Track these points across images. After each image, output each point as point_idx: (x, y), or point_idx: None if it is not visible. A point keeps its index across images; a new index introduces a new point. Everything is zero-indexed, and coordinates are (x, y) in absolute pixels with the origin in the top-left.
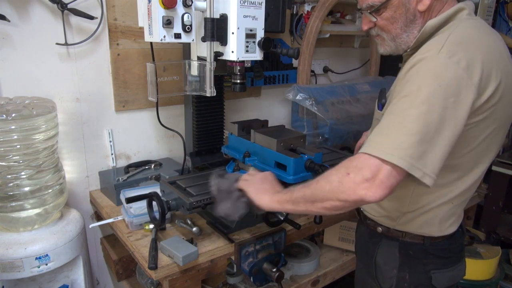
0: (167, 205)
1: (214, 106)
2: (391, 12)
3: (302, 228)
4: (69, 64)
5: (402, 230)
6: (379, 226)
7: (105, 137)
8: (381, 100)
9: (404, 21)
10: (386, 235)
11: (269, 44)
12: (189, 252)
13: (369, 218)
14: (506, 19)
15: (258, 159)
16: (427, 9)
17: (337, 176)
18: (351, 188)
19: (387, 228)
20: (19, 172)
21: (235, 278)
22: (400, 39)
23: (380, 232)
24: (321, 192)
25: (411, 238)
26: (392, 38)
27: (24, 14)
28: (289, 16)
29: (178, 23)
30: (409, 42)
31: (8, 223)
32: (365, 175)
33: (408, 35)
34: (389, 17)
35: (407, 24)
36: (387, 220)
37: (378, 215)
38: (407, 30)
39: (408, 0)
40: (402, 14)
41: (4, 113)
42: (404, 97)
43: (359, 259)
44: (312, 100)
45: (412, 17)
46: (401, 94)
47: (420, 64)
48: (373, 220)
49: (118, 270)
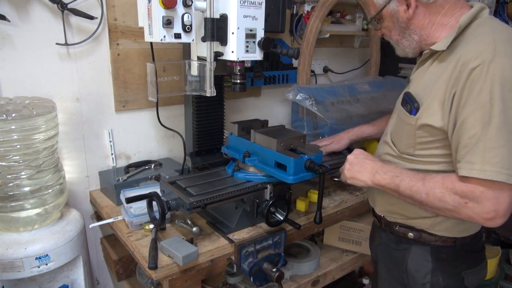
0: (167, 205)
1: (214, 106)
2: (386, 22)
3: (302, 228)
4: (69, 64)
5: (434, 234)
6: (411, 231)
7: (105, 137)
8: (413, 104)
9: (399, 29)
10: (418, 240)
11: (269, 44)
12: (189, 252)
13: (397, 224)
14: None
15: (258, 159)
16: (416, 15)
17: (453, 201)
18: (470, 217)
19: (419, 232)
20: (19, 172)
21: (235, 278)
22: (402, 44)
23: (411, 238)
24: (432, 205)
25: (443, 242)
26: (395, 43)
27: (24, 14)
28: (289, 16)
29: (178, 23)
30: (413, 46)
31: (8, 223)
32: (486, 210)
33: (409, 40)
34: (386, 26)
35: (402, 31)
36: (423, 222)
37: (414, 216)
38: (405, 36)
39: (396, 11)
40: (394, 23)
41: (4, 113)
42: (482, 109)
43: (384, 268)
44: (312, 100)
45: (404, 25)
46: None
47: (481, 69)
48: (404, 225)
49: (118, 270)
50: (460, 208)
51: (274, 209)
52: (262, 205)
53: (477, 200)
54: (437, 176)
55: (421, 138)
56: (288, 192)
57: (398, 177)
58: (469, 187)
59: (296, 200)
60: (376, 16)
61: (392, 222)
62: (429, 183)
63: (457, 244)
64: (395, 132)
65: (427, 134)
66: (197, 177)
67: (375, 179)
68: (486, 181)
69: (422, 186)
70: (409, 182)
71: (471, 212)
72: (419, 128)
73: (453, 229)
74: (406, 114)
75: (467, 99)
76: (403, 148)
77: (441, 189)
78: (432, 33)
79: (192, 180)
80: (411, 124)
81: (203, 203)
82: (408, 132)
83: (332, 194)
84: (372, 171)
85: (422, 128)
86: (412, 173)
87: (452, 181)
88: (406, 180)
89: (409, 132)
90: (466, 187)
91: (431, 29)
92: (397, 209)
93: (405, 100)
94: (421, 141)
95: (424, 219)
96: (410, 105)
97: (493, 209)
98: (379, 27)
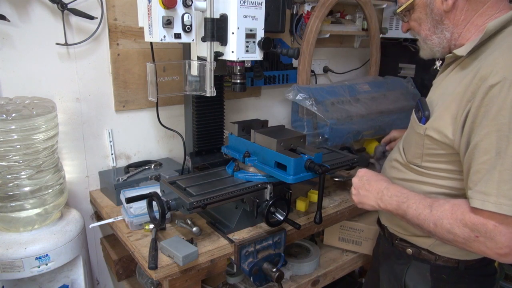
0: (167, 205)
1: (214, 106)
2: (418, 12)
3: (302, 228)
4: (69, 64)
5: (435, 253)
6: (410, 247)
7: (105, 137)
8: (424, 112)
9: (431, 22)
10: (417, 257)
11: (269, 44)
12: (189, 252)
13: (398, 237)
14: None
15: (258, 159)
16: (454, 9)
17: (462, 234)
18: (483, 252)
19: (419, 250)
20: (19, 172)
21: (235, 278)
22: (431, 41)
23: (410, 254)
24: (441, 236)
25: (444, 262)
26: (423, 40)
27: (24, 14)
28: (289, 16)
29: (178, 23)
30: (443, 45)
31: (8, 223)
32: (500, 246)
33: (440, 37)
34: (417, 18)
35: (435, 25)
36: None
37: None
38: (437, 32)
39: (432, 0)
40: (428, 14)
41: (4, 113)
42: (499, 132)
43: (385, 280)
44: (312, 100)
45: (438, 18)
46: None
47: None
48: (404, 240)
49: (118, 270)
50: (471, 242)
51: (274, 209)
52: (262, 205)
53: (489, 235)
54: (445, 204)
55: (429, 150)
56: (288, 192)
57: (405, 203)
58: (481, 220)
59: (296, 200)
60: (408, 4)
61: (393, 234)
62: (437, 212)
63: (460, 266)
64: (407, 139)
65: (435, 146)
66: (197, 177)
67: (382, 204)
68: (500, 215)
69: (430, 214)
70: (415, 209)
71: (484, 247)
72: (427, 139)
73: (456, 252)
74: (416, 121)
75: (483, 119)
76: (411, 157)
77: (450, 220)
78: (464, 33)
79: (192, 180)
80: (419, 133)
81: (203, 203)
82: (417, 141)
83: (332, 194)
84: (377, 194)
85: (430, 139)
86: (419, 198)
87: (463, 212)
88: (413, 207)
89: (417, 142)
90: (477, 219)
91: (464, 28)
92: (398, 221)
93: (418, 106)
94: (429, 152)
95: (424, 238)
96: (421, 113)
97: (507, 245)
98: (407, 20)
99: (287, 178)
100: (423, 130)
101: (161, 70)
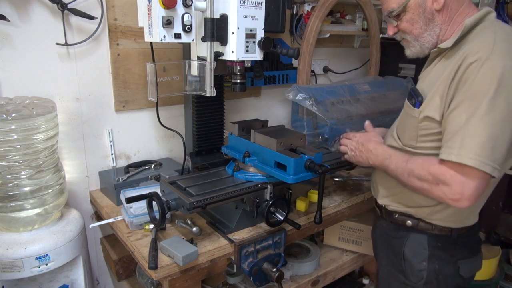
0: (167, 205)
1: (214, 106)
2: (410, 14)
3: (302, 228)
4: (69, 64)
5: (431, 223)
6: (410, 219)
7: (105, 137)
8: (418, 97)
9: (424, 21)
10: (415, 228)
11: (269, 44)
12: (189, 252)
13: (397, 212)
14: (506, 19)
15: (258, 159)
16: (443, 8)
17: (427, 182)
18: (440, 197)
19: (417, 221)
20: (19, 172)
21: (235, 278)
22: (422, 38)
23: (409, 226)
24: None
25: (439, 231)
26: (415, 38)
27: (24, 14)
28: (289, 16)
29: (178, 23)
30: (432, 41)
31: (8, 223)
32: (454, 192)
33: (430, 34)
34: (409, 19)
35: (426, 23)
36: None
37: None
38: (428, 29)
39: (424, 1)
40: (420, 14)
41: (4, 113)
42: (471, 101)
43: (383, 256)
44: (312, 100)
45: (430, 16)
46: (466, 96)
47: (476, 64)
48: (403, 213)
49: (118, 270)
50: (433, 188)
51: (274, 209)
52: (262, 205)
53: (446, 182)
54: (418, 159)
55: (423, 131)
56: (288, 192)
57: (387, 159)
58: (443, 169)
59: (296, 200)
60: (401, 8)
61: (392, 211)
62: (411, 164)
63: (453, 234)
64: (400, 125)
65: (429, 127)
66: (197, 177)
67: (371, 161)
68: (458, 165)
69: (405, 167)
70: (395, 164)
71: (441, 192)
72: (422, 120)
73: (449, 219)
74: (410, 107)
75: (459, 90)
76: (406, 140)
77: (420, 170)
78: (449, 30)
79: (192, 180)
80: (414, 117)
81: (203, 203)
82: (412, 124)
83: (332, 194)
84: (368, 153)
85: (424, 120)
86: (399, 155)
87: (430, 164)
88: (393, 161)
89: (412, 125)
90: (440, 169)
91: (449, 25)
92: (398, 198)
93: (411, 94)
94: (423, 133)
95: (423, 208)
96: (415, 99)
97: (459, 192)
98: (395, 23)
99: (287, 178)
100: (417, 113)
101: (161, 70)
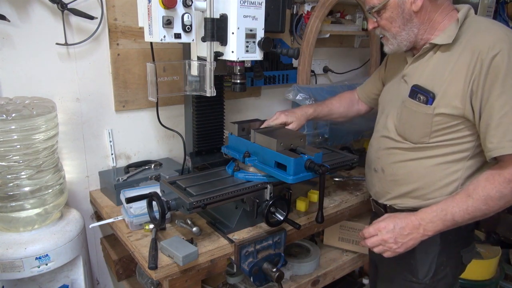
0: (167, 205)
1: (214, 106)
2: (389, 12)
3: (302, 228)
4: (69, 64)
5: None
6: None
7: (105, 137)
8: (429, 94)
9: (402, 21)
10: None
11: (269, 44)
12: (189, 252)
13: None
14: (506, 19)
15: (258, 159)
16: (421, 10)
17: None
18: None
19: None
20: (19, 172)
21: (235, 278)
22: (400, 36)
23: None
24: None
25: None
26: (393, 36)
27: (24, 14)
28: (289, 16)
29: (178, 23)
30: (410, 40)
31: (8, 223)
32: None
33: (408, 33)
34: (388, 17)
35: (405, 23)
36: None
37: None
38: (406, 29)
39: (403, 2)
40: (399, 14)
41: (4, 113)
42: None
43: None
44: (312, 100)
45: (408, 17)
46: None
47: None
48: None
49: (118, 270)
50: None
51: (274, 209)
52: (262, 205)
53: None
54: (479, 183)
55: (437, 126)
56: (288, 192)
57: (446, 215)
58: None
59: (296, 200)
60: (381, 5)
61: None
62: (478, 193)
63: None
64: (407, 125)
65: (443, 121)
66: (197, 177)
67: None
68: None
69: (475, 201)
70: (459, 210)
71: None
72: (436, 116)
73: None
74: (420, 105)
75: (494, 84)
76: (417, 138)
77: (494, 188)
78: (429, 30)
79: (192, 180)
80: (427, 113)
81: (203, 203)
82: (424, 122)
83: (332, 194)
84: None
85: (439, 115)
86: (452, 201)
87: (498, 174)
88: (456, 210)
89: (424, 122)
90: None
91: (429, 25)
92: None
93: (416, 92)
94: (437, 128)
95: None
96: (426, 96)
97: None
98: (375, 19)
99: (287, 178)
100: (431, 110)
101: (161, 70)
